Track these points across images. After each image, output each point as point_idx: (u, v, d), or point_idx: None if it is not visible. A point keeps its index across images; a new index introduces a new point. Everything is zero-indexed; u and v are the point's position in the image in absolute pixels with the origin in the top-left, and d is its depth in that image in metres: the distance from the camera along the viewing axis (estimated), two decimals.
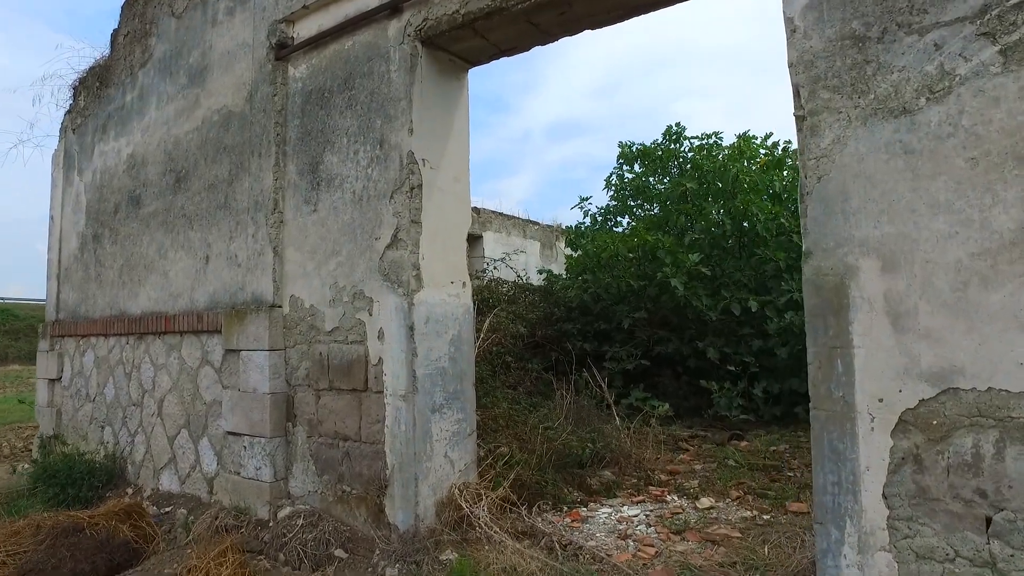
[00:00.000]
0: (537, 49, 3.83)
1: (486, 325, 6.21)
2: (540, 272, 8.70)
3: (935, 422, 2.18)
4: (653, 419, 6.51)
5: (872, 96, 2.33)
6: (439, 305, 3.73)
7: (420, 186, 3.69)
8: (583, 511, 4.03)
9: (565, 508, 4.08)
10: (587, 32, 3.65)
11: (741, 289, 7.12)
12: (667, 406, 6.67)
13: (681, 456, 5.33)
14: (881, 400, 2.25)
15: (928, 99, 2.23)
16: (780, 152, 8.36)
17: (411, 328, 3.56)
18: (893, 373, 2.23)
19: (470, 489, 3.68)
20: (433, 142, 3.80)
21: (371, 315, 3.76)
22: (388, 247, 3.72)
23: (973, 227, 2.14)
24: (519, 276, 8.98)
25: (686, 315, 7.12)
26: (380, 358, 3.68)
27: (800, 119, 2.48)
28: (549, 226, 13.91)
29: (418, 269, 3.64)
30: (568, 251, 10.16)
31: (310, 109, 4.22)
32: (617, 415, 5.67)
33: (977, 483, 2.12)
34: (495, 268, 8.87)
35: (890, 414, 2.23)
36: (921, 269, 2.21)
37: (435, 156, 3.80)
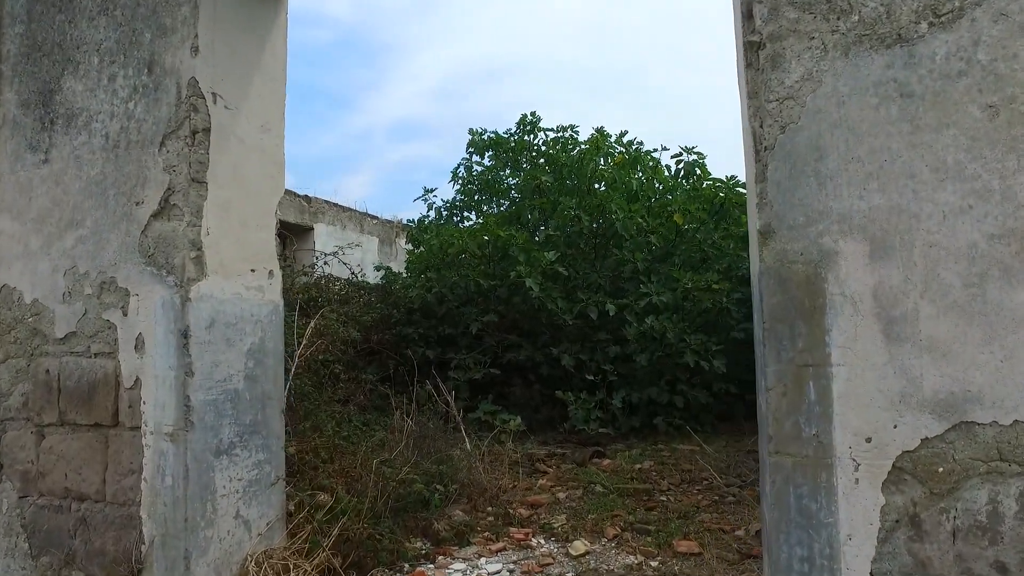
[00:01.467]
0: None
1: (310, 329, 5.09)
2: (377, 269, 7.66)
3: (940, 469, 1.56)
4: (506, 437, 5.80)
5: (856, 18, 1.69)
6: (232, 302, 2.63)
7: (208, 130, 2.57)
8: (430, 570, 3.13)
9: (407, 567, 3.15)
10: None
11: (598, 291, 6.62)
12: (519, 420, 5.96)
13: (541, 481, 4.62)
14: (869, 440, 1.60)
15: (932, 24, 1.62)
16: (635, 151, 8.06)
17: (185, 334, 2.44)
18: (885, 401, 1.59)
19: (274, 560, 2.62)
20: (232, 71, 2.70)
21: (126, 315, 2.57)
22: (155, 216, 2.56)
23: (992, 199, 1.55)
24: (353, 273, 7.86)
25: (539, 319, 6.48)
26: (137, 378, 2.51)
27: (754, 46, 1.79)
28: (389, 221, 12.82)
29: (199, 250, 2.52)
30: (410, 248, 9.20)
31: (43, 11, 2.90)
32: (467, 434, 4.83)
33: (995, 553, 1.53)
34: (326, 263, 7.67)
35: (881, 459, 1.59)
36: (923, 256, 1.59)
37: (233, 92, 2.71)
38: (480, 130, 8.11)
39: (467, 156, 8.62)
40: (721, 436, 5.98)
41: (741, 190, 7.01)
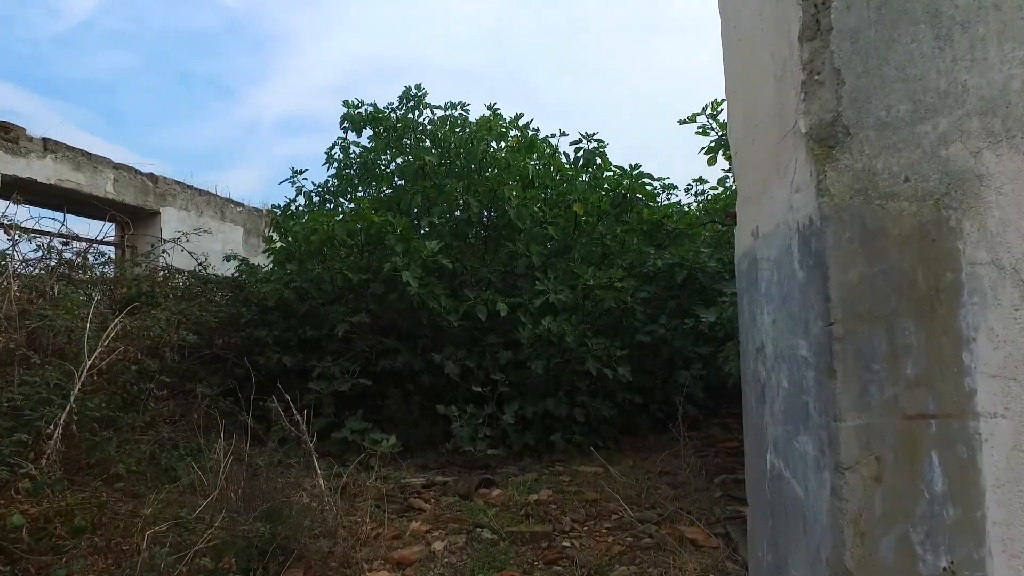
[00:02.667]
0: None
1: (111, 332, 3.88)
2: (228, 259, 6.40)
3: None
4: (377, 461, 4.82)
5: None
6: None
7: None
8: None
9: None
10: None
11: (487, 288, 5.78)
12: (394, 439, 5.00)
13: (414, 524, 3.68)
14: None
15: None
16: (532, 136, 7.29)
17: None
18: None
19: None
20: None
21: None
22: None
23: None
24: (201, 264, 6.56)
25: (420, 319, 5.54)
26: None
27: None
28: (258, 209, 11.34)
29: None
30: (276, 237, 7.96)
31: None
32: (320, 466, 3.82)
33: None
34: (165, 253, 6.34)
35: None
36: None
37: None
38: (356, 102, 7.04)
39: (343, 135, 7.52)
40: (626, 453, 5.31)
41: (647, 180, 6.41)
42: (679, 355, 5.71)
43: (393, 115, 7.16)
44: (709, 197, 7.49)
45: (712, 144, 4.20)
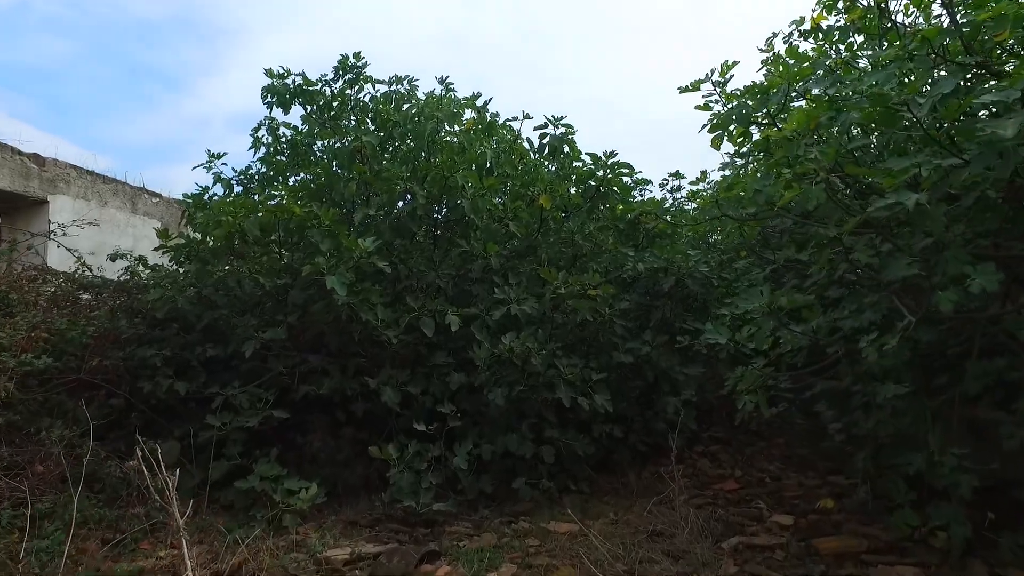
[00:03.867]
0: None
1: None
2: (113, 259, 5.17)
3: None
4: (292, 519, 3.81)
5: None
6: None
7: None
8: None
9: None
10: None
11: (437, 296, 4.76)
12: (315, 488, 4.01)
13: None
14: None
15: None
16: (492, 118, 6.29)
17: None
18: None
19: None
20: None
21: None
22: None
23: None
24: (86, 265, 5.33)
25: (351, 335, 4.48)
26: None
27: None
28: (181, 201, 10.05)
29: None
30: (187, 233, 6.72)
31: None
32: (191, 555, 2.74)
33: None
34: (30, 247, 5.10)
35: None
36: None
37: None
38: (281, 71, 5.91)
39: (268, 114, 6.35)
40: (604, 499, 4.37)
41: (624, 171, 5.48)
42: (665, 377, 4.80)
43: (327, 89, 6.04)
44: (699, 190, 6.63)
45: (716, 121, 3.28)
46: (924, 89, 2.56)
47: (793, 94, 3.04)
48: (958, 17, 3.26)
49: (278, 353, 4.52)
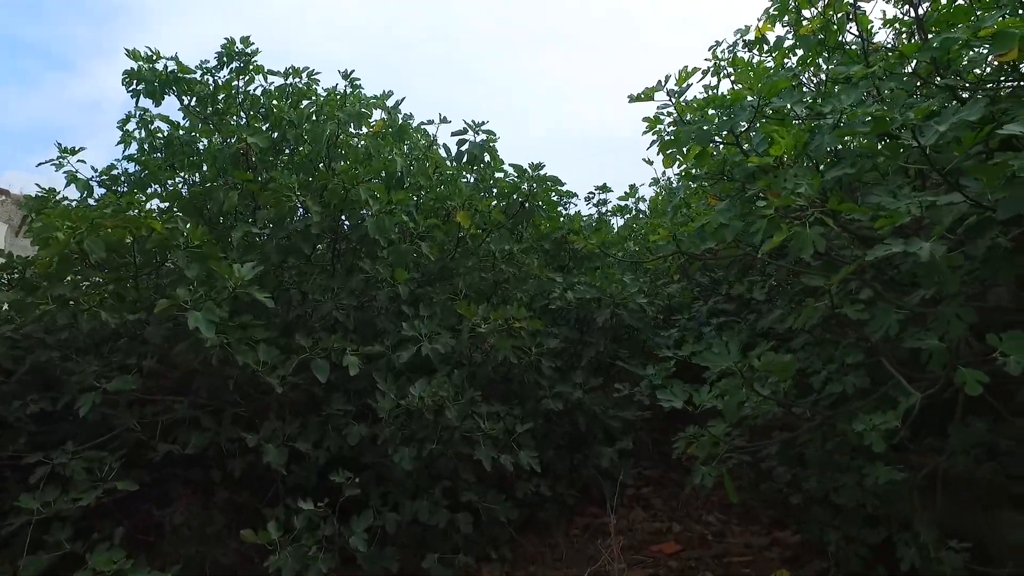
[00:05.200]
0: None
1: None
2: None
3: None
4: None
5: None
6: None
7: None
8: None
9: None
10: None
11: (333, 332, 4.01)
12: None
13: None
14: None
15: None
16: (404, 120, 5.59)
17: None
18: None
19: None
20: None
21: None
22: None
23: None
24: None
25: (224, 380, 3.67)
26: None
27: None
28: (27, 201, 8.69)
29: None
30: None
31: None
32: None
33: None
34: None
35: None
36: None
37: None
38: (149, 53, 4.96)
39: (133, 102, 5.36)
40: (529, 567, 3.77)
41: (551, 183, 4.92)
42: (598, 423, 4.25)
43: (210, 79, 5.14)
44: (627, 205, 6.17)
45: (673, 136, 2.76)
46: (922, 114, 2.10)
47: (770, 111, 2.55)
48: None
49: (132, 401, 3.64)
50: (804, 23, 3.61)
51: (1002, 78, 2.55)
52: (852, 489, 2.70)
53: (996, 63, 2.68)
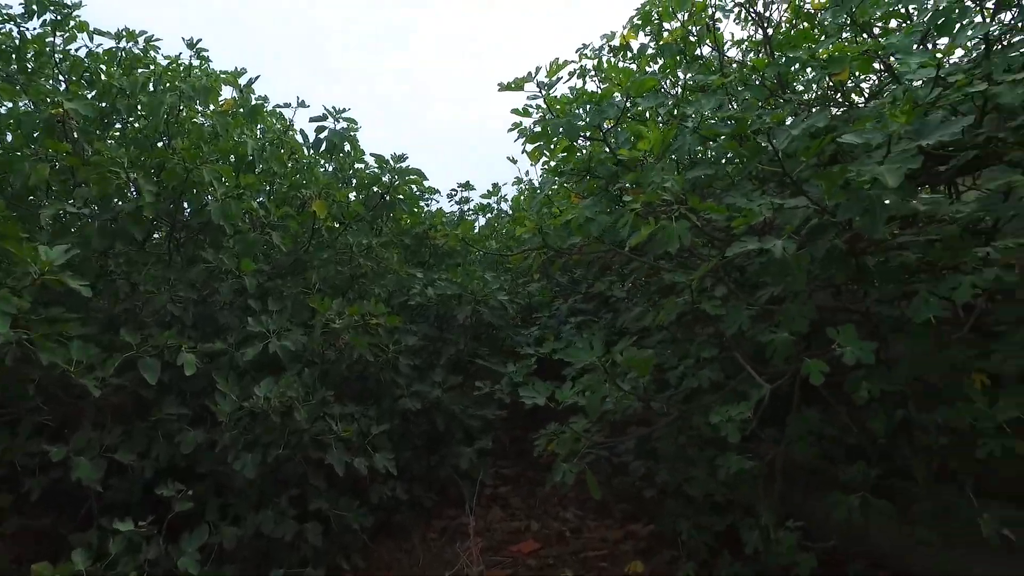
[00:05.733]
0: None
1: None
2: None
3: None
4: None
5: None
6: None
7: None
8: None
9: None
10: None
11: (168, 328, 3.58)
12: None
13: None
14: None
15: None
16: (259, 102, 5.16)
17: None
18: None
19: None
20: None
21: None
22: None
23: None
24: None
25: (23, 383, 3.14)
26: None
27: None
28: None
29: None
30: None
31: None
32: None
33: None
34: None
35: None
36: None
37: None
38: None
39: None
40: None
41: (414, 176, 4.76)
42: (458, 423, 4.15)
43: (13, 29, 4.43)
44: (489, 204, 6.14)
45: (539, 130, 2.73)
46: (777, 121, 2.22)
47: (637, 110, 2.58)
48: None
49: None
50: (665, 34, 3.76)
51: (838, 96, 2.78)
52: (703, 480, 2.82)
53: (831, 82, 2.92)
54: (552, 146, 2.91)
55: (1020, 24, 2.71)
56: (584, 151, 2.94)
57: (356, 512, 3.47)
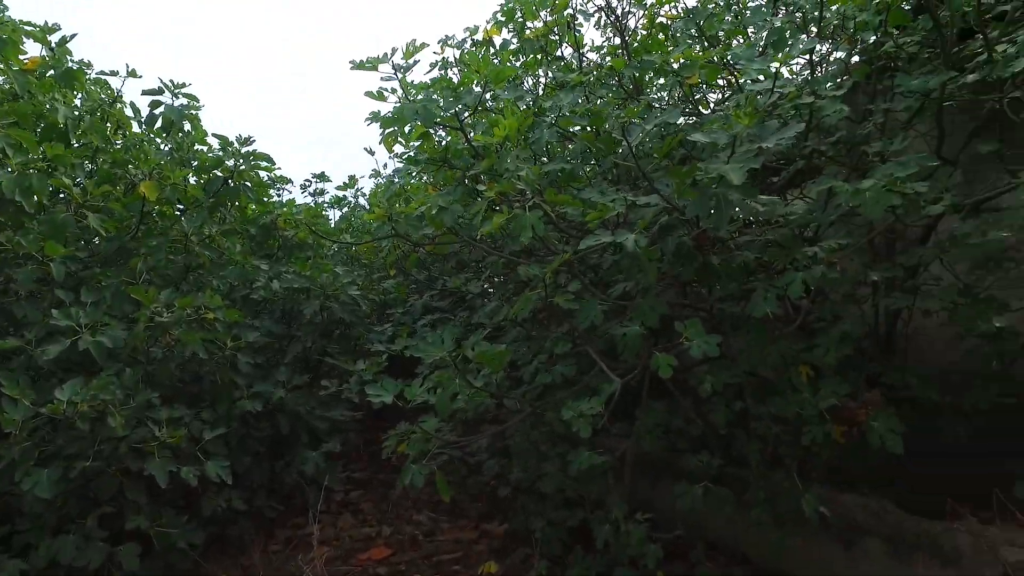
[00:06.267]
0: None
1: None
2: None
3: None
4: None
5: None
6: None
7: None
8: None
9: None
10: None
11: None
12: None
13: None
14: None
15: None
16: (78, 65, 4.54)
17: None
18: None
19: None
20: None
21: None
22: None
23: None
24: None
25: None
26: None
27: None
28: None
29: None
30: None
31: None
32: None
33: None
34: None
35: None
36: None
37: None
38: None
39: None
40: None
41: (262, 162, 4.41)
42: (304, 425, 3.88)
43: None
44: (344, 197, 5.85)
45: (393, 115, 2.58)
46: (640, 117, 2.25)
47: (499, 104, 2.51)
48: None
49: None
50: (527, 32, 3.75)
51: (688, 105, 2.90)
52: (555, 476, 2.81)
53: (683, 89, 3.03)
54: (408, 132, 2.77)
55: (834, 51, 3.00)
56: (442, 142, 2.84)
57: (183, 528, 3.11)
